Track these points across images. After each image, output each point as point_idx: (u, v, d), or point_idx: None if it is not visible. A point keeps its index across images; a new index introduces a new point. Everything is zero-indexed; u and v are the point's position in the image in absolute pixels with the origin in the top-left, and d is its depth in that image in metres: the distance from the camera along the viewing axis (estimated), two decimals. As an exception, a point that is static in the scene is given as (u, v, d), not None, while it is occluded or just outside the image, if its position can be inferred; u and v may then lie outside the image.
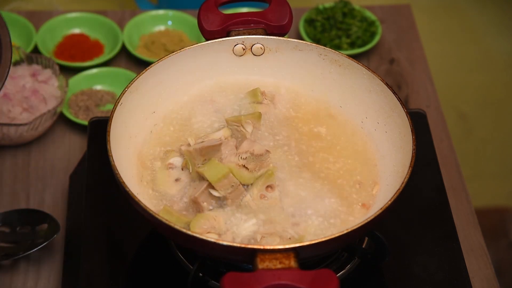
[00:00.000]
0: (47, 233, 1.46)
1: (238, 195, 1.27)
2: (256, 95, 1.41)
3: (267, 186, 1.29)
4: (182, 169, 1.32)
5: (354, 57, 1.59)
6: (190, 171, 1.30)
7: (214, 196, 1.27)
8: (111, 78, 1.82)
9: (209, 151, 1.29)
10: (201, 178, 1.29)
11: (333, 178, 1.32)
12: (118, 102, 1.32)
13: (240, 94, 1.43)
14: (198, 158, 1.29)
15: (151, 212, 1.19)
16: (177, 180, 1.31)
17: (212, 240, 1.16)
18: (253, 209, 1.26)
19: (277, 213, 1.26)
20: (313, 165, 1.34)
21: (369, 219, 1.18)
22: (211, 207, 1.27)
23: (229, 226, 1.25)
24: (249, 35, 1.42)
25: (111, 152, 1.25)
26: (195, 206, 1.28)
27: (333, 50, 1.41)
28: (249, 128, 1.35)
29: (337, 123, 1.41)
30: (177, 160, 1.33)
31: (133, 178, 1.30)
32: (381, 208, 1.19)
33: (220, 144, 1.30)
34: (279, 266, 1.12)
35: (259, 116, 1.37)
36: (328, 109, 1.42)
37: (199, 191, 1.27)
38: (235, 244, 1.15)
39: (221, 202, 1.27)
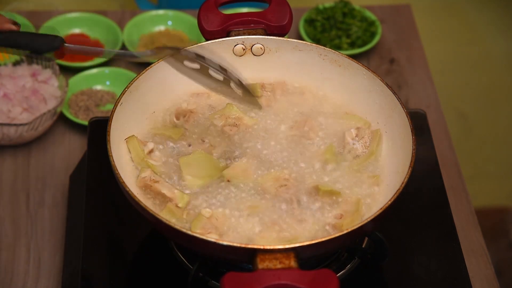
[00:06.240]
0: None
1: None
2: (255, 90, 1.41)
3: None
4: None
5: (354, 57, 1.59)
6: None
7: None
8: (111, 78, 1.82)
9: None
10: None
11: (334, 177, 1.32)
12: (118, 102, 1.32)
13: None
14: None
15: (151, 212, 1.19)
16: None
17: (212, 240, 1.16)
18: (255, 209, 1.26)
19: (278, 214, 1.26)
20: (313, 165, 1.34)
21: (369, 219, 1.18)
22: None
23: (230, 226, 1.25)
24: (249, 35, 1.42)
25: (111, 152, 1.25)
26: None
27: (333, 50, 1.41)
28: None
29: (337, 123, 1.40)
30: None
31: (133, 178, 1.30)
32: (381, 208, 1.19)
33: None
34: (279, 266, 1.12)
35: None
36: (328, 109, 1.42)
37: None
38: (235, 244, 1.15)
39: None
